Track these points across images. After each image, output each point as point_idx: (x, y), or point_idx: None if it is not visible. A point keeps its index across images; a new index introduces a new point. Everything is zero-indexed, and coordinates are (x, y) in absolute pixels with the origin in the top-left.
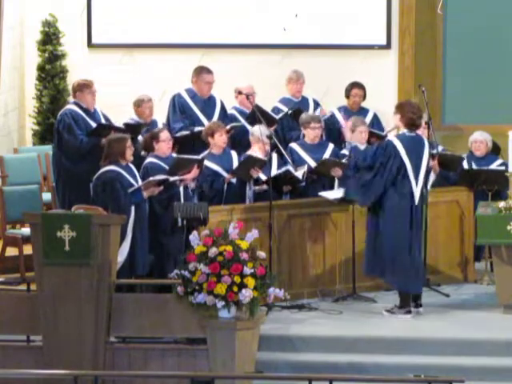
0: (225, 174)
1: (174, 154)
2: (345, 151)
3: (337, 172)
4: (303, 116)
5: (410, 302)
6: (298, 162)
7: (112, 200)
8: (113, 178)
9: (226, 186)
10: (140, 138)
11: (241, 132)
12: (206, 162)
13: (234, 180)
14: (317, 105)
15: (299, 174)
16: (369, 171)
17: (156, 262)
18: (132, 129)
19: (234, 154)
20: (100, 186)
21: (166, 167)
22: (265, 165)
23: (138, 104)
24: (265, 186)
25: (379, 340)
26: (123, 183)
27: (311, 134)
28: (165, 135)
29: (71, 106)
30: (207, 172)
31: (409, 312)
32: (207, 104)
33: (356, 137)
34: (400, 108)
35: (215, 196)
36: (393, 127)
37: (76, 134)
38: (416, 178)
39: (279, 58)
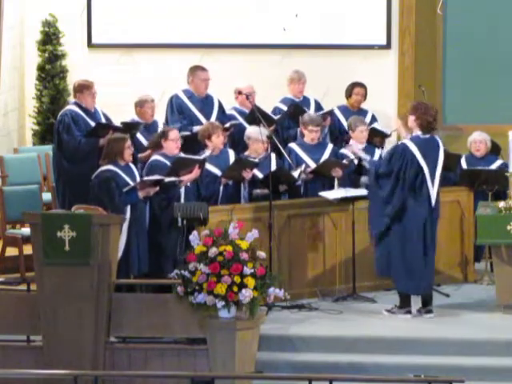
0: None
1: (183, 154)
2: (344, 151)
3: (337, 172)
4: (305, 116)
5: (409, 302)
6: (297, 162)
7: (107, 199)
8: (108, 177)
9: (222, 187)
10: (140, 135)
11: (240, 131)
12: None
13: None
14: (318, 105)
15: (295, 173)
16: (386, 182)
17: (154, 261)
18: (130, 127)
19: (231, 152)
20: (96, 185)
21: None
22: (256, 166)
23: (141, 104)
24: (266, 190)
25: (379, 340)
26: (119, 183)
27: (308, 136)
28: (174, 134)
29: (71, 107)
30: (205, 173)
31: (409, 312)
32: (205, 103)
33: (356, 136)
34: (415, 109)
35: (211, 196)
36: (395, 128)
37: (74, 134)
38: (432, 180)
39: (279, 58)
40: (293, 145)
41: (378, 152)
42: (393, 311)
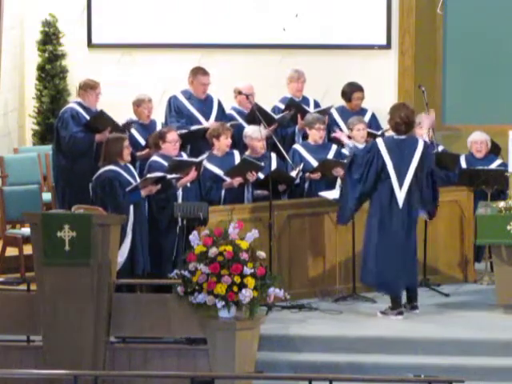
0: (224, 176)
1: (184, 155)
2: (344, 151)
3: (338, 172)
4: (308, 117)
5: (400, 303)
6: (302, 163)
7: (111, 199)
8: (111, 177)
9: (223, 191)
10: (137, 134)
11: (240, 132)
12: (207, 164)
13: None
14: (317, 106)
15: (293, 173)
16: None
17: (153, 261)
18: (126, 127)
19: (236, 154)
20: (99, 186)
21: None
22: (261, 170)
23: (138, 104)
24: (266, 192)
25: (379, 340)
26: (122, 182)
27: (316, 135)
28: (172, 136)
29: (72, 105)
30: (207, 174)
31: (400, 313)
32: (204, 104)
33: (355, 135)
34: (391, 110)
35: (213, 201)
36: (389, 127)
37: (72, 130)
38: (401, 181)
39: (279, 58)
40: (297, 146)
41: None
42: (386, 312)
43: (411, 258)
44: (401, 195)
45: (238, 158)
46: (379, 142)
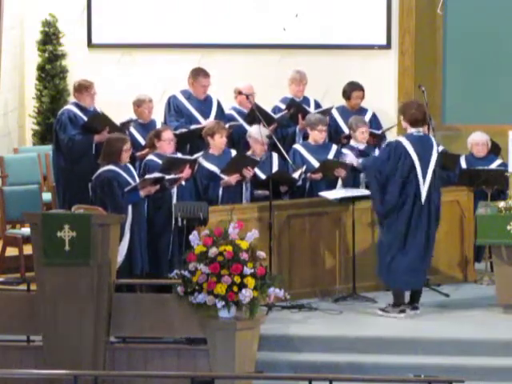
0: (221, 175)
1: (180, 154)
2: (344, 150)
3: (340, 172)
4: (310, 117)
5: (403, 299)
6: (303, 163)
7: (109, 199)
8: (110, 177)
9: (221, 189)
10: (137, 134)
11: (240, 132)
12: (203, 162)
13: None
14: (318, 106)
15: (296, 174)
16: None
17: (150, 261)
18: (124, 125)
19: (233, 153)
20: (98, 186)
21: None
22: (257, 164)
23: (139, 104)
24: (266, 192)
25: (379, 340)
26: (121, 183)
27: (318, 136)
28: (167, 135)
29: (69, 106)
30: (204, 173)
31: (403, 311)
32: (203, 104)
33: (357, 137)
34: (402, 108)
35: (211, 200)
36: (390, 126)
37: (70, 132)
38: (424, 177)
39: (279, 58)
40: (298, 146)
41: (377, 152)
42: (387, 310)
43: (428, 255)
44: (424, 189)
45: None
46: (402, 140)
